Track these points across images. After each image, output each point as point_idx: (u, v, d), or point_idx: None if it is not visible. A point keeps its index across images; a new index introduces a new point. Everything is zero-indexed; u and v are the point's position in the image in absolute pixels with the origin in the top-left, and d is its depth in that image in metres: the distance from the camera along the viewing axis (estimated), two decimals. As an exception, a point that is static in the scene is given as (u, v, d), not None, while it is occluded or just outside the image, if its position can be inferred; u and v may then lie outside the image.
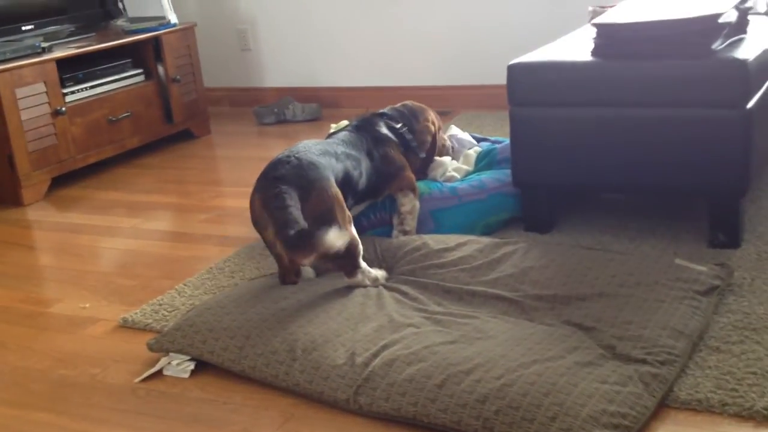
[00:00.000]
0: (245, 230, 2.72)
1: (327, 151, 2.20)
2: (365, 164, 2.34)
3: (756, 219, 2.39)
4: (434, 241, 2.25)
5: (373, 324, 1.84)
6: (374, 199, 2.44)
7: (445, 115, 4.02)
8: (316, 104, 4.43)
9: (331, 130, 2.96)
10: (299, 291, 2.03)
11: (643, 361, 1.63)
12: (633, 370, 1.60)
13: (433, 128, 2.66)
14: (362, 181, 2.31)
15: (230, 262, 2.46)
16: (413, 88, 4.39)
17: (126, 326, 2.15)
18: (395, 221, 2.42)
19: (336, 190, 2.08)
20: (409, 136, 2.55)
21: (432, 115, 2.71)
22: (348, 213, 2.10)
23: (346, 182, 2.19)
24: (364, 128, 2.47)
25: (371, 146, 2.41)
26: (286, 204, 1.95)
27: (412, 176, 2.48)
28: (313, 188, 2.01)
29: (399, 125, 2.55)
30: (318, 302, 1.96)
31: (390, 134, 2.50)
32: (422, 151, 2.59)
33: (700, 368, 1.68)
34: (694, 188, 2.28)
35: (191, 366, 1.88)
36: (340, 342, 1.78)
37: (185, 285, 2.33)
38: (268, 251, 2.24)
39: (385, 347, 1.74)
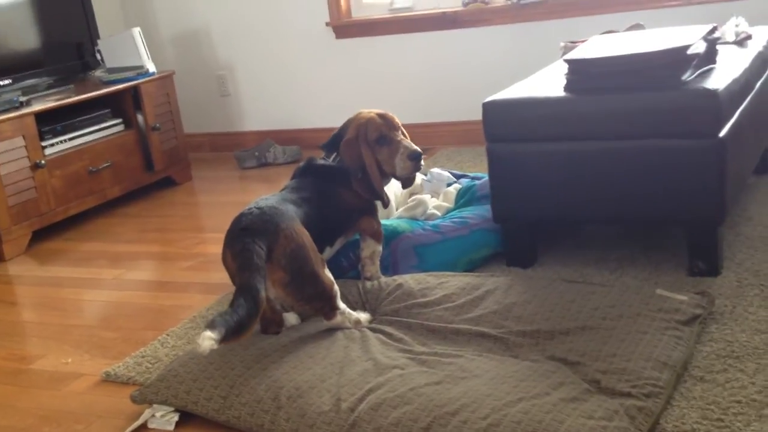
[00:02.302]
0: (223, 276, 2.71)
1: (285, 198, 2.15)
2: (323, 205, 2.22)
3: (735, 246, 2.40)
4: (415, 281, 2.25)
5: (358, 367, 1.83)
6: (344, 237, 2.35)
7: (425, 152, 4.04)
8: (297, 146, 4.45)
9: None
10: (283, 335, 2.03)
11: (629, 395, 1.63)
12: (618, 404, 1.60)
13: (356, 135, 2.30)
14: (327, 223, 2.22)
15: (213, 310, 2.44)
16: (392, 127, 4.42)
17: (109, 380, 2.13)
18: (359, 266, 2.37)
19: (302, 229, 2.03)
20: (341, 164, 2.32)
21: (366, 120, 2.31)
22: (319, 255, 2.07)
23: (311, 226, 2.09)
24: (309, 171, 2.35)
25: (321, 187, 2.27)
26: (253, 263, 1.87)
27: (371, 219, 2.34)
28: (279, 230, 1.97)
29: (331, 157, 2.35)
30: (302, 347, 1.96)
31: (332, 171, 2.31)
32: (356, 171, 2.28)
33: (686, 399, 1.69)
34: (672, 218, 2.30)
35: (176, 417, 1.86)
36: (325, 387, 1.76)
37: (168, 335, 2.32)
38: None
39: (370, 391, 1.73)
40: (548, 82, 2.54)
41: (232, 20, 4.65)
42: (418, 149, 2.30)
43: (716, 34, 2.57)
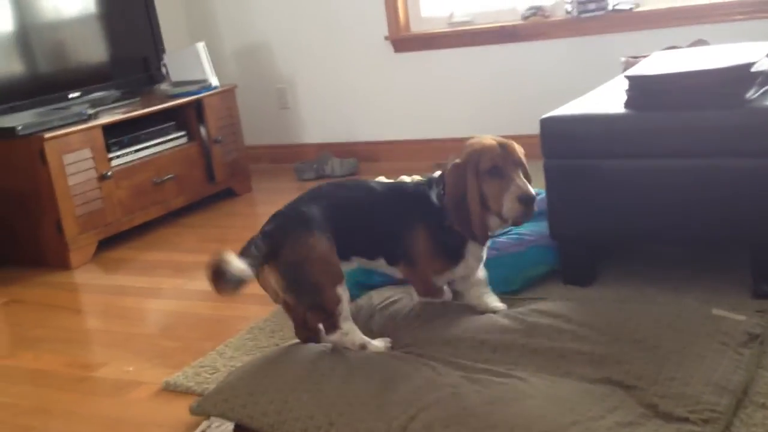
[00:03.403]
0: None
1: (319, 195, 2.09)
2: (388, 222, 2.08)
3: (801, 267, 2.34)
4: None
5: (410, 384, 1.83)
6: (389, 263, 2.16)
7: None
8: (354, 159, 4.49)
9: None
10: (335, 349, 2.04)
11: (686, 420, 1.60)
12: (675, 430, 1.57)
13: (466, 161, 2.05)
14: (370, 236, 2.09)
15: (270, 321, 2.48)
16: (448, 140, 4.43)
17: (168, 389, 2.18)
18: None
19: (316, 241, 1.97)
20: (437, 198, 2.09)
21: (482, 146, 2.04)
22: (334, 269, 1.99)
23: (346, 234, 2.03)
24: (396, 190, 2.18)
25: (410, 210, 2.11)
26: (249, 251, 1.95)
27: (427, 277, 2.12)
28: (286, 240, 1.97)
29: (427, 184, 2.15)
30: (354, 362, 1.96)
31: (424, 204, 2.11)
32: (447, 206, 2.06)
33: (746, 425, 1.65)
34: (736, 238, 2.25)
35: (231, 430, 1.89)
36: (376, 404, 1.77)
37: (226, 346, 2.36)
38: None
39: (422, 409, 1.73)
40: (607, 98, 2.52)
41: (292, 34, 4.72)
42: (532, 192, 1.98)
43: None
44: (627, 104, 2.37)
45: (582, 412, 1.65)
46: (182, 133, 4.02)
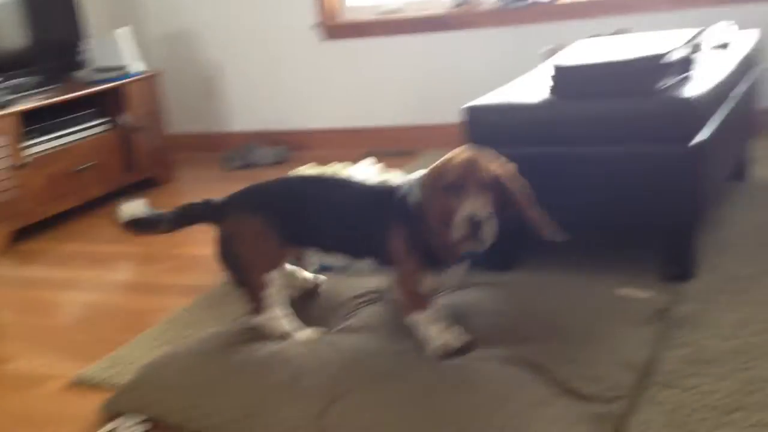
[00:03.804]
0: (209, 278, 2.72)
1: (295, 186, 2.10)
2: (357, 216, 1.98)
3: (708, 251, 2.40)
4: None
5: (325, 372, 1.82)
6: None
7: (410, 155, 4.06)
8: (284, 147, 4.45)
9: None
10: (256, 341, 2.01)
11: (593, 398, 1.64)
12: (583, 409, 1.60)
13: (427, 179, 1.87)
14: (334, 227, 2.01)
15: (188, 313, 2.44)
16: (379, 129, 4.43)
17: (81, 383, 2.12)
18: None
19: (253, 221, 2.01)
20: (410, 201, 1.90)
21: (453, 157, 1.86)
22: (270, 255, 2.01)
23: (290, 214, 2.02)
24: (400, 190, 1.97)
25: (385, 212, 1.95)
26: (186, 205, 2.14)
27: (410, 285, 1.92)
28: (228, 214, 2.08)
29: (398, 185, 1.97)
30: (268, 353, 1.94)
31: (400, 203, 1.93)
32: (424, 220, 1.87)
33: (652, 404, 1.69)
34: (648, 223, 2.30)
35: (145, 427, 1.85)
36: (291, 394, 1.76)
37: (142, 338, 2.31)
38: (227, 298, 2.31)
39: (339, 396, 1.73)
40: (530, 87, 2.54)
41: (222, 21, 4.65)
42: (480, 216, 1.76)
43: (699, 40, 2.57)
44: (550, 93, 2.40)
45: (493, 392, 1.67)
46: (103, 120, 3.92)
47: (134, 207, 2.14)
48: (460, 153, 1.86)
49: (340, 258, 2.08)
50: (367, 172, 2.93)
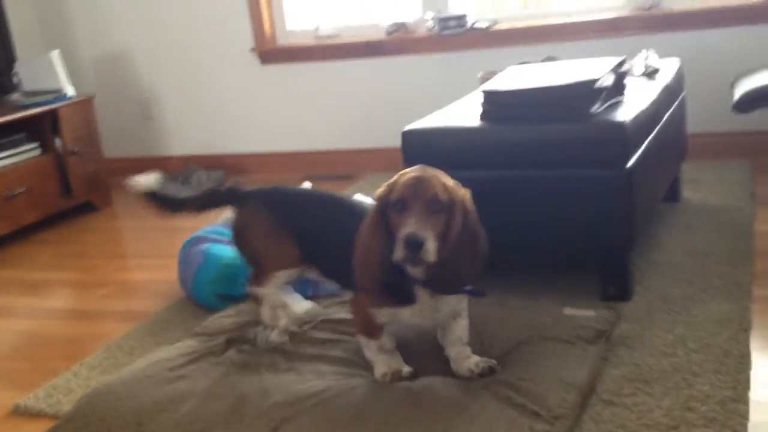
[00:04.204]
0: (149, 303, 2.68)
1: (308, 204, 2.09)
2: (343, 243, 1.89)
3: (645, 272, 2.48)
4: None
5: (270, 399, 1.81)
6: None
7: (348, 179, 4.08)
8: (221, 171, 4.42)
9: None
10: (195, 369, 1.98)
11: (537, 416, 1.67)
12: (528, 427, 1.63)
13: (379, 197, 1.80)
14: (331, 253, 1.99)
15: (129, 339, 2.40)
16: (317, 153, 4.45)
17: (18, 413, 2.06)
18: None
19: (262, 215, 2.05)
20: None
21: (403, 175, 1.80)
22: (283, 252, 2.03)
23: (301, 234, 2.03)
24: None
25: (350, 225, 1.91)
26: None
27: (364, 313, 1.86)
28: (244, 205, 2.11)
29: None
30: (216, 379, 1.93)
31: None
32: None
33: (595, 422, 1.73)
34: (583, 245, 2.36)
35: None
36: (236, 419, 1.74)
37: (81, 365, 2.26)
38: (169, 324, 2.25)
39: (285, 420, 1.72)
40: (466, 112, 2.60)
41: (156, 44, 4.60)
42: (419, 237, 1.67)
43: (626, 67, 2.67)
44: (482, 117, 2.45)
45: (437, 409, 1.69)
46: (35, 144, 3.82)
47: (149, 179, 2.16)
48: (410, 171, 1.80)
49: (334, 285, 2.12)
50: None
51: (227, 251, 2.52)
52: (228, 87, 4.55)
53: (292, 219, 2.04)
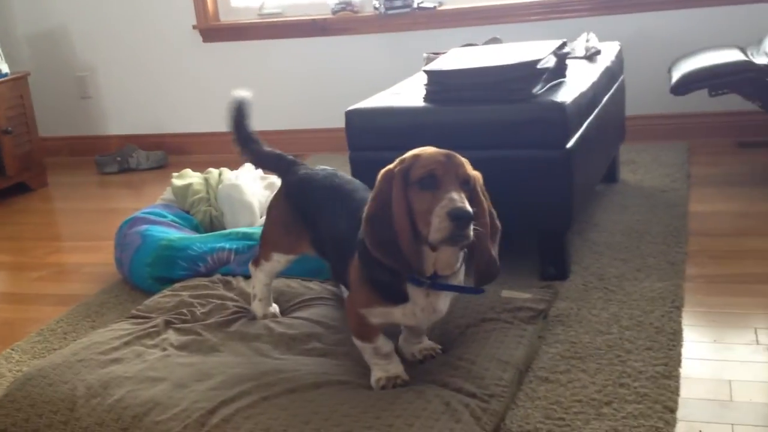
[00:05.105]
0: (84, 287, 2.63)
1: (328, 193, 1.95)
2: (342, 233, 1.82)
3: (582, 251, 2.52)
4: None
5: (209, 382, 1.79)
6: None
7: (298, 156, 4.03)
8: (162, 151, 4.34)
9: (176, 182, 2.91)
10: (130, 352, 1.95)
11: (474, 395, 1.68)
12: (464, 406, 1.64)
13: (400, 167, 1.65)
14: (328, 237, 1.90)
15: (63, 323, 2.35)
16: (262, 133, 4.37)
17: (-55, 399, 2.00)
18: None
19: (278, 204, 2.07)
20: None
21: (420, 152, 1.66)
22: (284, 238, 2.04)
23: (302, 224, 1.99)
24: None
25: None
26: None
27: (359, 315, 1.73)
28: (283, 181, 2.11)
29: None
30: (152, 362, 1.89)
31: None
32: (371, 219, 1.64)
33: (530, 399, 1.75)
34: (524, 225, 2.38)
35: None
36: (172, 403, 1.71)
37: (13, 350, 2.20)
38: (104, 308, 2.20)
39: (223, 403, 1.70)
40: (409, 92, 2.59)
41: (94, 20, 4.48)
42: (468, 210, 1.53)
43: (567, 49, 2.69)
44: (426, 98, 2.45)
45: (379, 392, 1.69)
46: (-34, 122, 3.71)
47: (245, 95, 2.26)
48: (423, 149, 1.67)
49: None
50: (246, 176, 2.90)
51: (166, 233, 2.48)
52: (169, 65, 4.45)
53: (309, 208, 1.98)
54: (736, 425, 1.61)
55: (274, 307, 2.15)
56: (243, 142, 2.20)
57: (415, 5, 4.00)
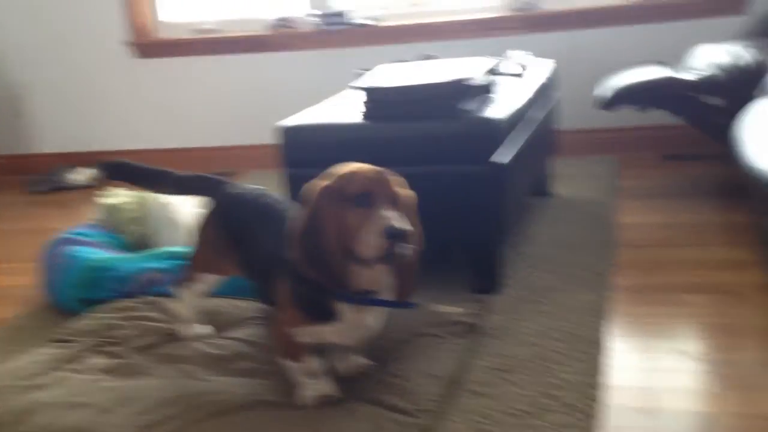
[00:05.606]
0: (7, 310, 2.56)
1: (256, 209, 1.96)
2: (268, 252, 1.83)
3: (516, 264, 2.55)
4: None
5: (136, 406, 1.76)
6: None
7: (229, 176, 4.00)
8: (95, 169, 4.26)
9: (105, 200, 2.86)
10: (54, 377, 1.90)
11: (405, 412, 1.68)
12: (393, 422, 1.64)
13: (334, 184, 1.65)
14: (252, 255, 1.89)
15: (-14, 342, 2.28)
16: (197, 150, 4.36)
17: None
18: None
19: (207, 223, 2.02)
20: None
21: (355, 169, 1.68)
22: (209, 258, 2.01)
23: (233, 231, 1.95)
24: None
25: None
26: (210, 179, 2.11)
27: (287, 334, 1.72)
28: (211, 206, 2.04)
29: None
30: (76, 387, 1.85)
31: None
32: (292, 242, 1.65)
33: (461, 413, 1.76)
34: (457, 240, 2.40)
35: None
36: (97, 428, 1.68)
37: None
38: (28, 332, 2.15)
39: (148, 428, 1.67)
40: (343, 108, 2.59)
41: (25, 37, 4.39)
42: (404, 228, 1.57)
43: (500, 66, 2.73)
44: (363, 114, 2.45)
45: (303, 409, 1.68)
46: None
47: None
48: (359, 166, 1.69)
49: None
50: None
51: (93, 253, 2.44)
52: (103, 82, 4.39)
53: (238, 228, 1.94)
54: (659, 433, 1.65)
55: (204, 328, 2.13)
56: (155, 183, 2.16)
57: (351, 22, 4.03)
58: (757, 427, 1.63)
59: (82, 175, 4.18)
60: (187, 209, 2.80)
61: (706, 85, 2.93)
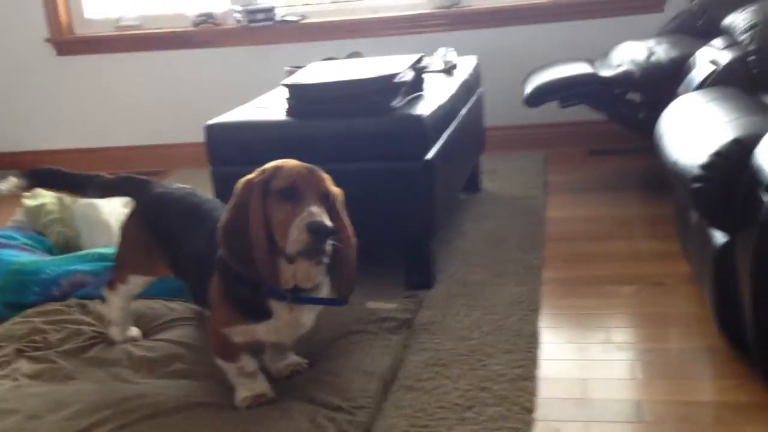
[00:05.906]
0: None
1: (183, 208, 1.92)
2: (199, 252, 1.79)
3: (448, 259, 2.58)
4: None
5: (65, 411, 1.71)
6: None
7: (154, 176, 3.93)
8: (16, 171, 4.10)
9: (28, 202, 2.77)
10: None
11: (340, 409, 1.68)
12: (329, 420, 1.64)
13: (260, 178, 1.64)
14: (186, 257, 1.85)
15: None
16: (121, 149, 4.26)
17: None
18: None
19: (130, 225, 1.99)
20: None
21: (281, 164, 1.67)
22: (137, 258, 1.97)
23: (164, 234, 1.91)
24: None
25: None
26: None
27: (221, 334, 1.71)
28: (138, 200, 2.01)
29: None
30: (2, 394, 1.80)
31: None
32: (226, 230, 1.62)
33: (396, 408, 1.77)
34: (389, 236, 2.41)
35: None
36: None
37: None
38: None
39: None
40: (269, 106, 2.58)
41: (-64, 33, 4.22)
42: (327, 225, 1.55)
43: (425, 63, 2.75)
44: (288, 112, 2.44)
45: (239, 416, 1.67)
46: None
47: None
48: (287, 162, 1.67)
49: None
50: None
51: (16, 256, 2.36)
52: (22, 80, 4.25)
53: (166, 228, 1.91)
54: (591, 422, 1.69)
55: (134, 330, 2.08)
56: (80, 188, 2.09)
57: (277, 18, 4.00)
58: (683, 413, 1.69)
59: (4, 184, 4.02)
60: (111, 208, 2.73)
61: (621, 80, 3.02)
